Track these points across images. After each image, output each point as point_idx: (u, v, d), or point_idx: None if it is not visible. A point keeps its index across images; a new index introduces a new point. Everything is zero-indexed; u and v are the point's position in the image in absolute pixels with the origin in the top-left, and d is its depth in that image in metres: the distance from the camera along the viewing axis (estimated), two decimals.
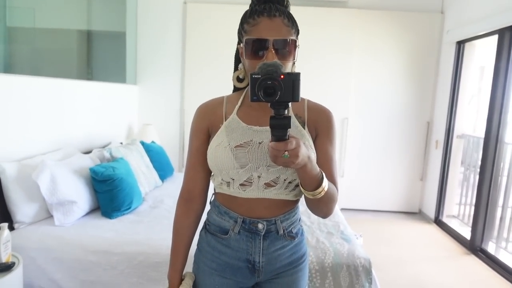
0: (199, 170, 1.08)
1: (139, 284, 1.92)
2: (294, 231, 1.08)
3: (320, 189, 0.91)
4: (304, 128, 1.04)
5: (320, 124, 1.06)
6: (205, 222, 1.14)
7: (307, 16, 4.08)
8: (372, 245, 3.35)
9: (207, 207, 1.15)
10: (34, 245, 1.96)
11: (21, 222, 2.08)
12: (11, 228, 2.05)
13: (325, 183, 0.93)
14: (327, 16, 4.12)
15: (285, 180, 1.00)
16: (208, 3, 4.16)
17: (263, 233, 1.03)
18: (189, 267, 1.16)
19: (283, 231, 1.05)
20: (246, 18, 1.00)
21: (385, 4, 4.21)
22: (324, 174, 0.94)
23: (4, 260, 1.62)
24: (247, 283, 1.08)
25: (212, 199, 1.13)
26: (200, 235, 1.14)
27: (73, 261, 1.94)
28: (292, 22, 1.00)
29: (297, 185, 1.02)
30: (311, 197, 0.93)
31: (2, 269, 1.58)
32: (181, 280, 1.11)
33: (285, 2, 1.03)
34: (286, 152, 0.79)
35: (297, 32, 1.02)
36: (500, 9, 3.13)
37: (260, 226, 1.03)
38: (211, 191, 1.14)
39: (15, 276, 1.62)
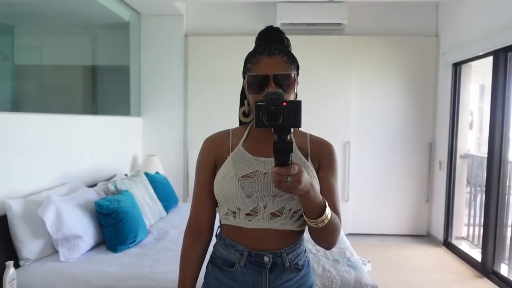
0: (206, 201, 1.10)
1: None
2: (300, 263, 1.08)
3: (323, 217, 0.93)
4: (307, 160, 1.06)
5: (322, 157, 1.09)
6: (211, 256, 1.14)
7: (305, 45, 4.18)
8: (380, 270, 3.29)
9: (213, 240, 1.16)
10: (39, 282, 1.95)
11: (26, 259, 2.08)
12: (17, 265, 2.05)
13: (328, 211, 0.94)
14: (324, 43, 4.22)
15: (290, 210, 1.01)
16: (209, 35, 4.29)
17: (269, 266, 1.03)
18: None
19: (289, 263, 1.05)
20: (249, 58, 1.08)
21: (381, 30, 4.32)
22: (326, 202, 0.95)
23: None
24: None
25: (218, 232, 1.13)
26: (207, 268, 1.14)
27: None
28: (291, 59, 1.06)
29: (301, 215, 1.02)
30: (314, 225, 0.94)
31: None
32: None
33: (285, 42, 1.11)
34: (289, 177, 0.81)
35: (297, 68, 1.08)
36: (493, 31, 3.21)
37: (266, 258, 1.03)
38: (216, 223, 1.15)
39: None
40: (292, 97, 1.05)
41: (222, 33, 4.30)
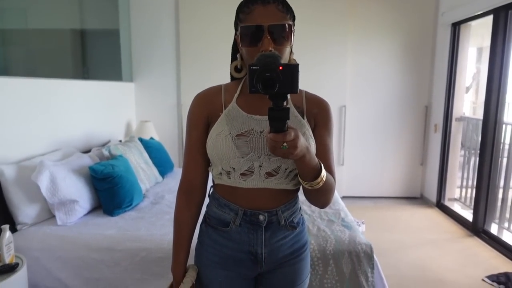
0: (199, 161, 1.07)
1: (143, 280, 1.93)
2: (295, 221, 1.08)
3: (318, 180, 0.92)
4: (303, 118, 1.04)
5: (319, 115, 1.06)
6: (204, 216, 1.13)
7: (300, 7, 4.02)
8: (375, 231, 3.37)
9: (206, 200, 1.14)
10: (37, 245, 1.98)
11: (23, 224, 2.09)
12: (14, 229, 2.06)
13: (324, 173, 0.93)
14: (320, 5, 4.08)
15: (286, 169, 1.00)
16: None
17: (264, 225, 1.03)
18: (191, 260, 1.15)
19: (284, 221, 1.05)
20: (241, 8, 1.00)
21: None
22: (322, 164, 0.94)
23: (7, 261, 1.64)
24: (250, 274, 1.08)
25: (211, 192, 1.12)
26: (201, 228, 1.13)
27: (76, 259, 1.96)
28: (287, 8, 0.99)
29: (297, 174, 1.01)
30: (309, 187, 0.93)
31: (6, 270, 1.59)
32: (185, 272, 1.11)
33: None
34: (285, 143, 0.79)
35: (293, 18, 1.01)
36: None
37: (261, 217, 1.02)
38: (209, 183, 1.13)
39: (20, 277, 1.64)
40: (288, 50, 0.99)
41: None
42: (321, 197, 0.99)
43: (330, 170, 1.02)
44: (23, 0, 3.83)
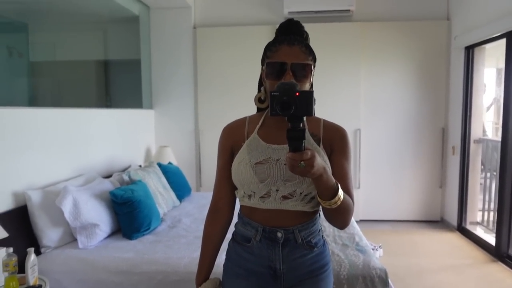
0: (225, 184, 1.20)
1: None
2: (314, 241, 1.14)
3: (336, 199, 0.98)
4: (319, 146, 1.12)
5: (335, 142, 1.14)
6: (233, 233, 1.24)
7: (313, 32, 4.11)
8: (393, 255, 3.31)
9: (235, 219, 1.24)
10: (59, 268, 2.05)
11: (47, 247, 2.19)
12: (38, 252, 2.15)
13: (341, 193, 0.99)
14: (332, 31, 4.20)
15: (301, 193, 1.08)
16: (217, 26, 4.31)
17: (281, 241, 1.11)
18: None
19: (302, 240, 1.12)
20: (269, 46, 1.14)
21: (390, 15, 4.26)
22: (339, 185, 1.00)
23: (31, 283, 1.71)
24: None
25: (239, 212, 1.22)
26: (229, 245, 1.24)
27: (96, 282, 2.02)
28: (309, 51, 1.12)
29: (313, 198, 1.10)
30: (327, 206, 0.99)
31: None
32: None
33: (304, 35, 1.18)
34: (302, 162, 0.86)
35: (314, 60, 1.14)
36: (506, 12, 3.14)
37: (278, 234, 1.11)
38: (238, 205, 1.24)
39: None
40: (307, 86, 1.11)
41: (229, 24, 4.31)
42: (339, 217, 1.05)
43: (348, 192, 1.07)
44: (53, 35, 4.11)
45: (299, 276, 1.13)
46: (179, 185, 3.39)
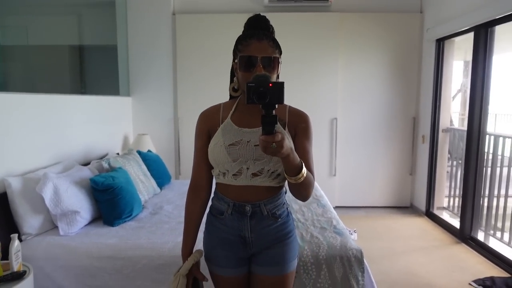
0: (202, 165, 1.34)
1: (144, 287, 2.01)
2: (278, 213, 1.31)
3: (300, 175, 1.13)
4: (284, 129, 1.27)
5: (298, 125, 1.29)
6: (209, 207, 1.39)
7: (292, 22, 4.22)
8: (366, 239, 3.48)
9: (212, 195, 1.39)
10: (41, 254, 2.05)
11: (28, 234, 2.17)
12: (19, 239, 2.13)
13: (304, 170, 1.14)
14: (311, 20, 4.26)
15: (268, 170, 1.24)
16: (196, 13, 4.28)
17: (249, 214, 1.27)
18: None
19: (268, 212, 1.29)
20: (240, 41, 1.27)
21: (366, 7, 4.37)
22: (303, 163, 1.14)
23: (16, 269, 1.71)
24: (244, 254, 1.32)
25: (215, 189, 1.37)
26: (207, 217, 1.39)
27: (79, 268, 2.03)
28: (276, 45, 1.26)
29: (278, 174, 1.26)
30: (293, 182, 1.14)
31: (14, 278, 1.67)
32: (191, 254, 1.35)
33: (271, 29, 1.31)
34: (274, 144, 0.98)
35: (280, 52, 1.28)
36: (474, 7, 3.30)
37: (247, 208, 1.27)
38: (214, 183, 1.38)
39: (27, 284, 1.71)
40: (275, 77, 1.25)
41: (209, 11, 4.29)
42: (303, 190, 1.20)
43: (309, 169, 1.24)
44: (25, 18, 3.95)
45: (266, 243, 1.30)
46: (159, 173, 3.40)
